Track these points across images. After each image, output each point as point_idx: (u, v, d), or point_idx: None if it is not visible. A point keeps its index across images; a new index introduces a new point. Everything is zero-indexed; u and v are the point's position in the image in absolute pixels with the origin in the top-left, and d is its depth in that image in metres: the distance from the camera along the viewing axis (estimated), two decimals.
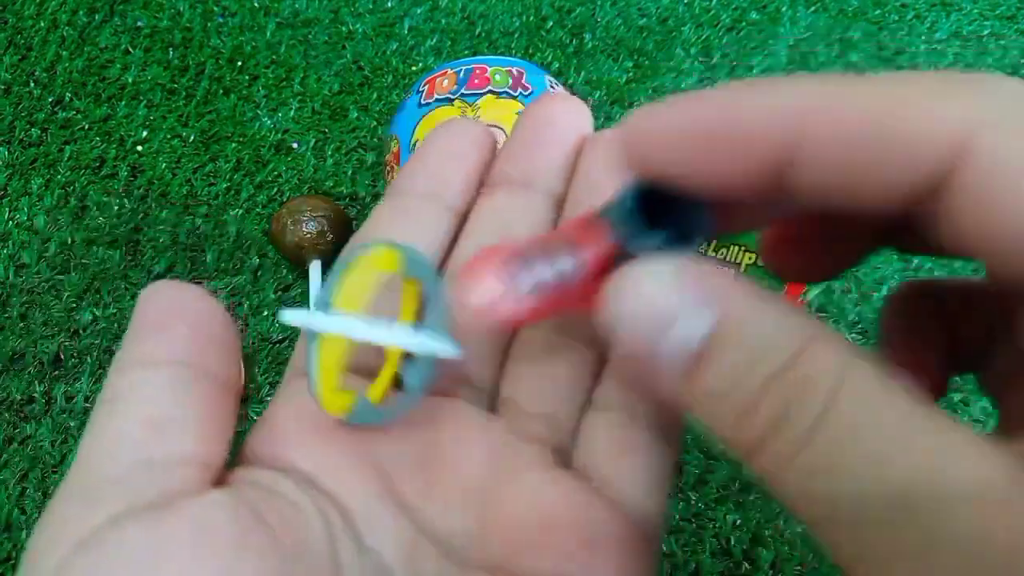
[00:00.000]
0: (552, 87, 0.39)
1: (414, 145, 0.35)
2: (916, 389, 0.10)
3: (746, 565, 0.36)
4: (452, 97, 0.36)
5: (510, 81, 0.37)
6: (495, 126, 0.35)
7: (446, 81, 0.38)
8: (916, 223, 0.11)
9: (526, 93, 0.37)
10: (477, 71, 0.38)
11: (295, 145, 0.48)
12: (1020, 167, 0.09)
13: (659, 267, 0.11)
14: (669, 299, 0.11)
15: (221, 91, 0.50)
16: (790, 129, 0.10)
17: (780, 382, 0.10)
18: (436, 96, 0.37)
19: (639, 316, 0.11)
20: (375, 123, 0.49)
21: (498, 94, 0.36)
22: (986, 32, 0.54)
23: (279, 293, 0.43)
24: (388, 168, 0.39)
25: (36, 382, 0.40)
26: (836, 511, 0.10)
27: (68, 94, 0.49)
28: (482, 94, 0.36)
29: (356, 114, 0.49)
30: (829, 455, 0.10)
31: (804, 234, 0.15)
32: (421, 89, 0.39)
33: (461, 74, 0.38)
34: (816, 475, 0.10)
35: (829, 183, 0.11)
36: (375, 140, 0.48)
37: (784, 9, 0.55)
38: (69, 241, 0.44)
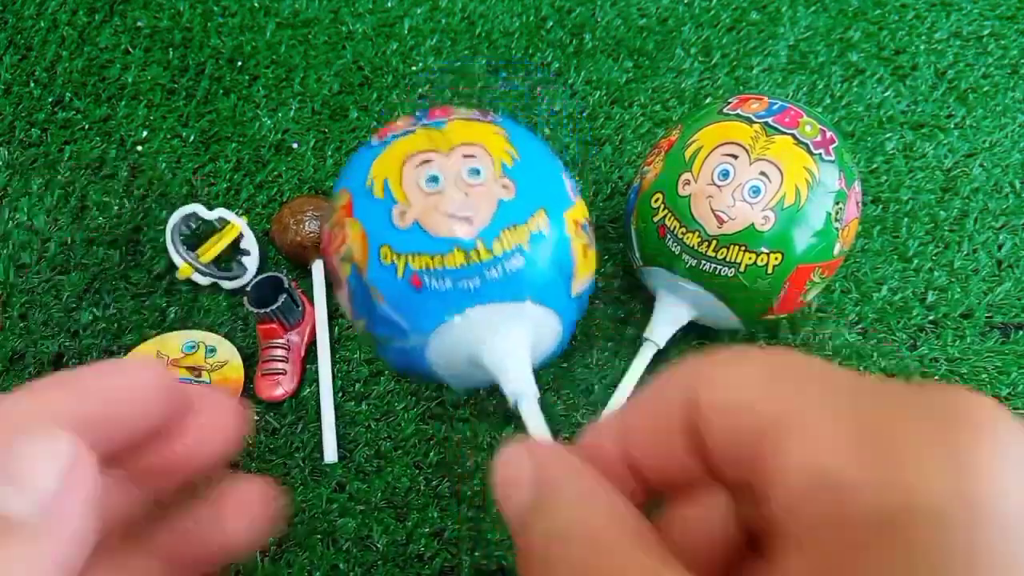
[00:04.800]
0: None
1: (370, 187, 0.25)
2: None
3: None
4: (412, 128, 0.27)
5: (475, 112, 0.29)
6: (471, 146, 0.26)
7: (400, 121, 0.29)
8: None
9: (498, 119, 0.29)
10: (436, 112, 0.29)
11: (295, 145, 0.48)
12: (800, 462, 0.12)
13: (515, 452, 0.16)
14: (517, 475, 0.15)
15: (221, 91, 0.50)
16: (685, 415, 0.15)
17: (567, 544, 0.14)
18: (392, 133, 0.27)
19: (500, 482, 0.16)
20: (375, 123, 0.49)
21: (467, 119, 0.28)
22: (986, 32, 0.54)
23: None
24: (336, 230, 0.27)
25: None
26: None
27: (68, 94, 0.49)
28: (447, 120, 0.27)
29: (356, 114, 0.49)
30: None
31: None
32: (372, 137, 0.30)
33: (417, 113, 0.29)
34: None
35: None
36: None
37: (784, 9, 0.55)
38: (69, 241, 0.44)
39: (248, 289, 0.40)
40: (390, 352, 0.27)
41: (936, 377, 0.42)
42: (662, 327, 0.39)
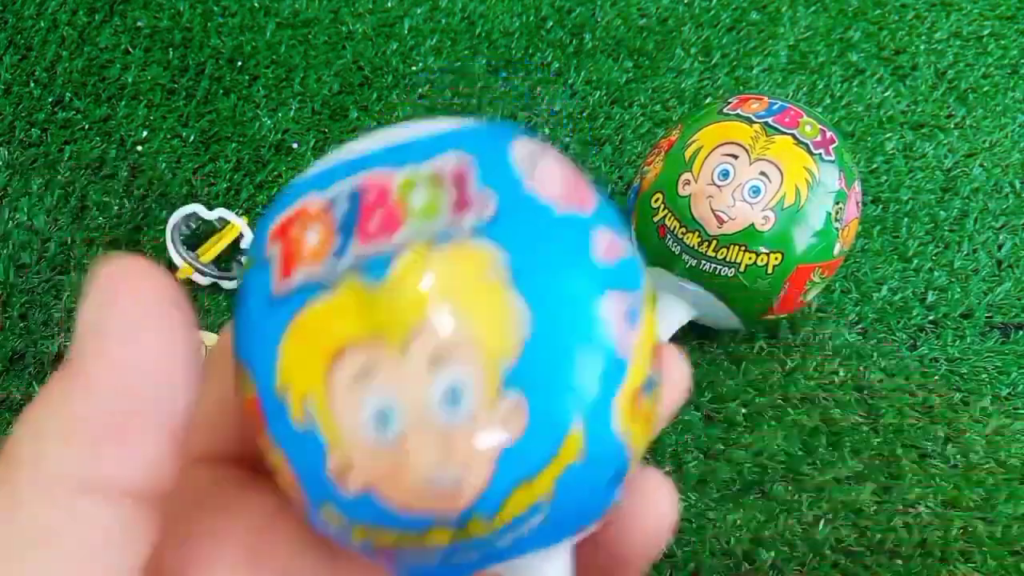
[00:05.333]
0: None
1: (282, 400, 0.12)
2: None
3: (746, 565, 0.36)
4: (331, 277, 0.13)
5: (445, 209, 0.13)
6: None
7: (308, 229, 0.13)
8: None
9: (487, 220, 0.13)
10: (371, 218, 0.13)
11: (295, 145, 0.48)
12: None
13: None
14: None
15: (221, 91, 0.50)
16: None
17: None
18: (302, 275, 0.13)
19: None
20: (375, 123, 0.49)
21: (431, 241, 0.12)
22: (986, 32, 0.54)
23: None
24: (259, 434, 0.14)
25: (36, 382, 0.40)
26: None
27: (68, 94, 0.49)
28: (396, 253, 0.12)
29: (356, 114, 0.49)
30: None
31: None
32: (271, 246, 0.13)
33: (334, 206, 0.13)
34: None
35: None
36: None
37: (784, 9, 0.55)
38: (69, 241, 0.44)
39: None
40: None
41: (936, 377, 0.42)
42: (662, 327, 0.39)
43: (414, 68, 0.51)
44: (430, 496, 0.13)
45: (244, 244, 0.43)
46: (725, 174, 0.35)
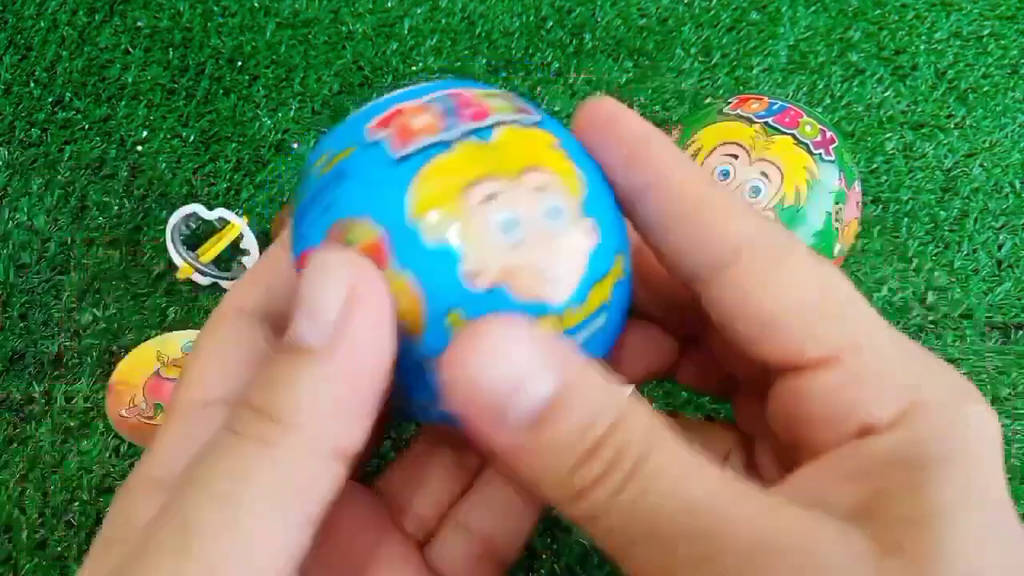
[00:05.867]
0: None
1: (417, 226, 0.16)
2: (710, 455, 0.13)
3: None
4: (450, 138, 0.17)
5: (512, 106, 0.19)
6: (539, 171, 0.18)
7: (414, 116, 0.18)
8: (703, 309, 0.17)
9: (538, 116, 0.19)
10: (466, 107, 0.18)
11: (295, 145, 0.48)
12: (761, 268, 0.15)
13: (513, 330, 0.13)
14: (522, 360, 0.13)
15: (221, 91, 0.50)
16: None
17: (606, 444, 0.13)
18: (418, 141, 0.17)
19: (493, 375, 0.13)
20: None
21: (513, 123, 0.18)
22: (986, 32, 0.54)
23: None
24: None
25: (36, 382, 0.40)
26: (634, 549, 0.13)
27: (68, 94, 0.49)
28: (492, 126, 0.18)
29: None
30: (632, 506, 0.12)
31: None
32: (375, 133, 0.17)
33: (436, 100, 0.18)
34: (626, 520, 0.13)
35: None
36: None
37: (784, 9, 0.55)
38: (69, 241, 0.44)
39: None
40: (430, 415, 0.19)
41: None
42: None
43: (414, 68, 0.51)
44: (545, 284, 0.17)
45: (244, 244, 0.43)
46: (725, 174, 0.35)
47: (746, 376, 0.20)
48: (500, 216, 0.16)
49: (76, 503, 0.36)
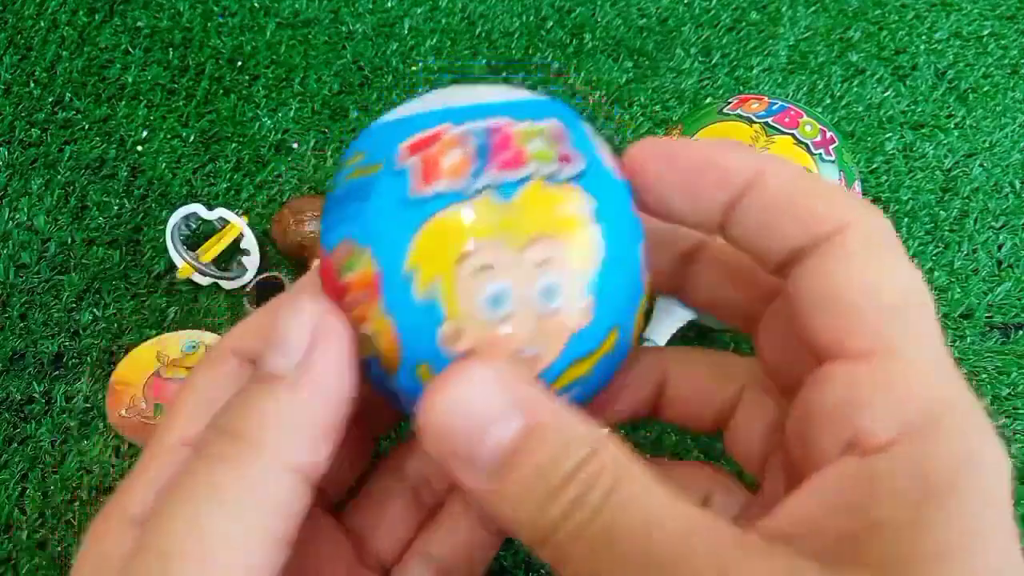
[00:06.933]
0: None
1: (408, 278, 0.16)
2: (677, 486, 0.13)
3: None
4: (471, 189, 0.16)
5: (554, 155, 0.17)
6: (550, 241, 0.16)
7: (448, 150, 0.17)
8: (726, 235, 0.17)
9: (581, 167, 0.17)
10: (503, 154, 0.17)
11: (295, 145, 0.48)
12: (780, 185, 0.16)
13: (480, 373, 0.14)
14: (486, 404, 0.14)
15: (221, 91, 0.50)
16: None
17: (574, 480, 0.13)
18: (440, 185, 0.16)
19: (457, 422, 0.13)
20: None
21: (546, 181, 0.17)
22: (986, 32, 0.54)
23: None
24: (352, 293, 0.17)
25: (36, 382, 0.40)
26: None
27: (68, 94, 0.49)
28: (519, 183, 0.16)
29: (356, 114, 0.49)
30: (602, 538, 0.12)
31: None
32: (405, 158, 0.17)
33: (474, 141, 0.17)
34: (593, 552, 0.12)
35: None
36: None
37: (784, 9, 0.55)
38: (69, 241, 0.44)
39: (248, 289, 0.40)
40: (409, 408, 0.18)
41: None
42: (662, 327, 0.39)
43: (414, 68, 0.51)
44: (518, 361, 0.16)
45: (244, 244, 0.43)
46: None
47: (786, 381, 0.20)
48: (491, 288, 0.16)
49: (76, 503, 0.36)
